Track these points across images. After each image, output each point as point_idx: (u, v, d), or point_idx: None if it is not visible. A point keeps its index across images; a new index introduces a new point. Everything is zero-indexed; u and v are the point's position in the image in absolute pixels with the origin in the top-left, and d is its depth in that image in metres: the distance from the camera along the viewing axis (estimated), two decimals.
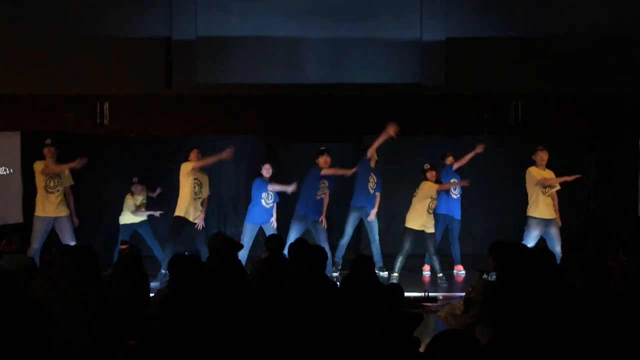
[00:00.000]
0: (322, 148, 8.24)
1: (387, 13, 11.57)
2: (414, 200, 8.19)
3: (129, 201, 8.56)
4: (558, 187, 7.97)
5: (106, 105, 10.42)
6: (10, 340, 3.04)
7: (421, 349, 3.85)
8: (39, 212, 7.73)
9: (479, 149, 8.44)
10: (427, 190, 8.07)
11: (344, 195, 8.77)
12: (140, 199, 8.60)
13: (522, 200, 8.12)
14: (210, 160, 8.03)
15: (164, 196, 8.88)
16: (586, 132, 10.66)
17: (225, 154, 7.83)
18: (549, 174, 7.98)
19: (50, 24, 11.27)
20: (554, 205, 7.97)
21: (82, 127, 10.57)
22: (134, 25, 11.47)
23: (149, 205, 8.72)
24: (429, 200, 8.07)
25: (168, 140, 10.04)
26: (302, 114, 11.19)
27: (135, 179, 8.59)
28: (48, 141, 7.81)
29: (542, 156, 7.94)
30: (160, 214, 8.60)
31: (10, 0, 11.34)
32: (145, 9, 11.52)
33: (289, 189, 7.91)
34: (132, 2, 11.50)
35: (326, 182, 8.22)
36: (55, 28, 11.27)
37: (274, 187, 7.99)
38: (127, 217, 8.52)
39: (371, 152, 8.31)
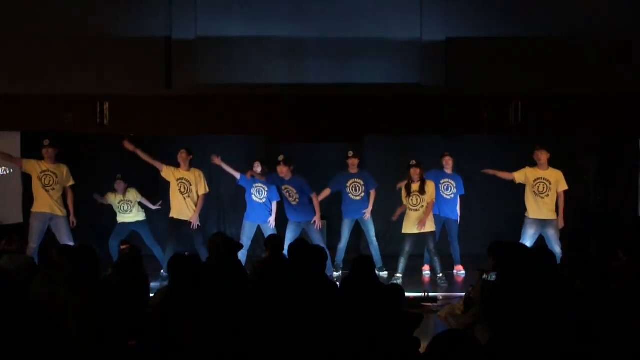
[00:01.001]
0: (279, 159, 8.08)
1: (387, 13, 11.57)
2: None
3: (110, 198, 8.58)
4: (565, 187, 7.92)
5: (106, 105, 10.42)
6: (10, 341, 3.04)
7: (421, 349, 3.85)
8: (35, 208, 7.77)
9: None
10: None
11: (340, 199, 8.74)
12: (120, 197, 8.56)
13: (522, 201, 8.11)
14: (145, 158, 8.07)
15: (165, 196, 8.87)
16: (586, 132, 10.66)
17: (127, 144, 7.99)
18: (550, 173, 7.94)
19: (51, 24, 11.28)
20: (558, 205, 7.89)
21: (82, 127, 10.57)
22: (134, 25, 11.48)
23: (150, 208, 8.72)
24: (403, 199, 8.09)
25: (168, 140, 10.04)
26: (302, 114, 11.20)
27: (118, 176, 8.57)
28: (46, 142, 7.82)
29: (539, 156, 7.91)
30: (159, 206, 8.61)
31: (10, 1, 11.35)
32: (145, 9, 11.53)
33: (215, 161, 8.08)
34: (132, 2, 11.50)
35: (291, 188, 8.11)
36: (56, 28, 11.27)
37: (227, 169, 8.15)
38: (120, 216, 8.55)
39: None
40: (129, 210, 8.59)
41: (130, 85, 11.14)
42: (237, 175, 8.19)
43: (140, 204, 8.69)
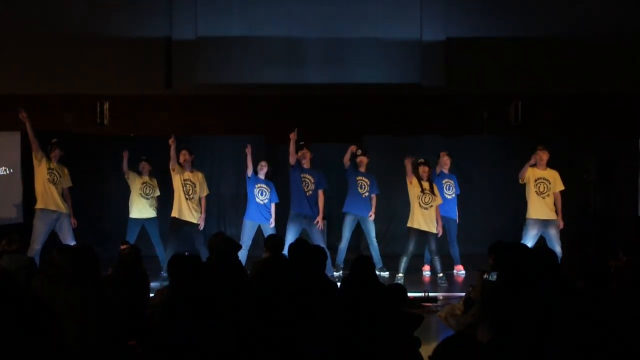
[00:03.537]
0: (301, 143, 8.27)
1: (387, 13, 11.56)
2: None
3: (134, 179, 8.42)
4: (562, 187, 7.93)
5: (106, 105, 10.42)
6: (10, 341, 3.04)
7: (421, 349, 3.85)
8: (40, 205, 7.70)
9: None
10: (411, 187, 8.13)
11: (343, 198, 8.73)
12: (145, 179, 8.47)
13: (522, 201, 8.11)
14: (172, 154, 8.02)
15: (165, 197, 8.87)
16: (586, 132, 10.66)
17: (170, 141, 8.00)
18: (549, 173, 7.94)
19: (51, 24, 11.27)
20: (556, 206, 7.90)
21: (82, 127, 10.57)
22: (134, 25, 11.47)
23: (159, 202, 8.64)
24: (416, 195, 8.07)
25: (168, 140, 10.03)
26: (302, 114, 11.19)
27: (143, 157, 8.48)
28: (54, 141, 7.79)
29: (541, 156, 7.91)
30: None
31: (10, 1, 11.34)
32: (145, 9, 11.52)
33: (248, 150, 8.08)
34: (132, 2, 11.50)
35: (310, 177, 8.20)
36: (56, 28, 11.27)
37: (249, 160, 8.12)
38: (136, 211, 8.44)
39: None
40: (150, 195, 8.43)
41: (130, 85, 11.13)
42: (250, 171, 8.19)
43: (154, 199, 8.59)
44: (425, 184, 8.07)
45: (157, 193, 8.51)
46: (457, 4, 11.62)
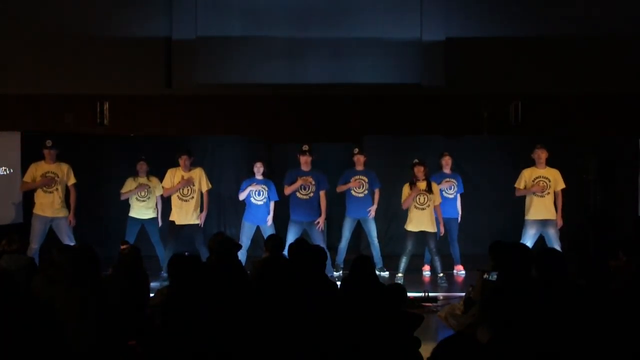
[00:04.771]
0: (304, 149, 8.22)
1: (387, 13, 11.57)
2: None
3: (129, 184, 8.36)
4: (563, 186, 7.93)
5: (106, 105, 10.41)
6: (11, 341, 3.04)
7: (421, 349, 3.85)
8: (37, 210, 7.75)
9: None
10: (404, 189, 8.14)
11: (344, 198, 8.73)
12: (141, 180, 8.39)
13: (522, 200, 8.11)
14: (177, 187, 7.99)
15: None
16: (586, 132, 10.66)
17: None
18: (548, 172, 7.93)
19: (51, 24, 11.29)
20: (556, 204, 7.89)
21: (82, 127, 10.58)
22: (134, 25, 11.48)
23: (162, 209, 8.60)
24: (409, 197, 8.07)
25: (168, 140, 10.04)
26: (302, 114, 11.20)
27: (142, 157, 8.39)
28: (49, 142, 7.79)
29: (539, 154, 7.90)
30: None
31: (10, 1, 11.35)
32: (145, 9, 11.53)
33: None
34: (132, 2, 11.50)
35: (310, 179, 8.15)
36: (56, 28, 11.28)
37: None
38: (134, 212, 8.42)
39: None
40: (146, 197, 8.36)
41: (130, 85, 11.14)
42: (243, 195, 8.19)
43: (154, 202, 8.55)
44: (421, 185, 8.05)
45: (159, 192, 8.47)
46: (457, 4, 11.63)
